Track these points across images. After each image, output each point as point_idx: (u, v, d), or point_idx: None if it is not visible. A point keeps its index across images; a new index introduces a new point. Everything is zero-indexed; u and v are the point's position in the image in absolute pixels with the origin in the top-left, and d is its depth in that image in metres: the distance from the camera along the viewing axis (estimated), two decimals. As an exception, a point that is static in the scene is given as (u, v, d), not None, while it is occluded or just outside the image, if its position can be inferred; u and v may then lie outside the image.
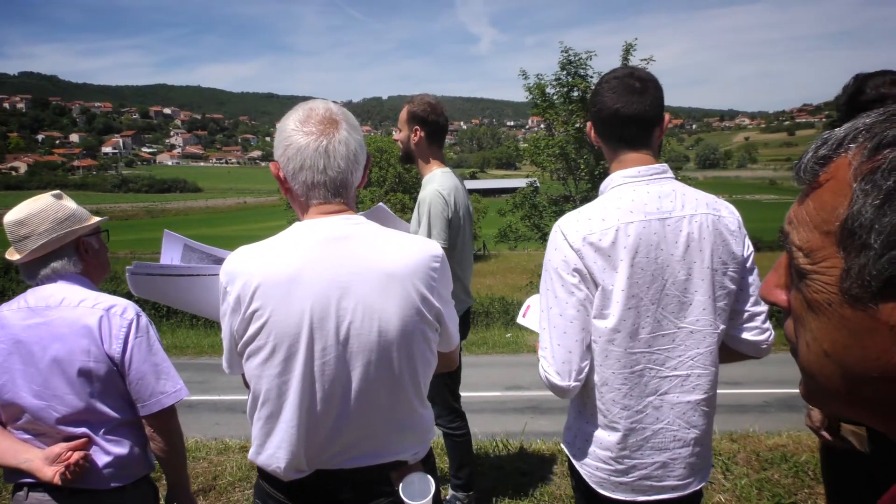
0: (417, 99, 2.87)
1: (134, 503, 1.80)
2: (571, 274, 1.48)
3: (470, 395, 3.28)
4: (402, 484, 1.35)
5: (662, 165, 1.56)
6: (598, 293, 1.47)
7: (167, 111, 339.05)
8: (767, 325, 1.59)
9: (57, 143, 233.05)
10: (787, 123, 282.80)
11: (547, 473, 3.59)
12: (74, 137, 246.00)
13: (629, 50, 15.87)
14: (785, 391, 7.17)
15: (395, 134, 2.96)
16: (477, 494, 3.21)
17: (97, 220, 1.87)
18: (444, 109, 2.88)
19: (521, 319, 1.91)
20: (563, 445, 1.71)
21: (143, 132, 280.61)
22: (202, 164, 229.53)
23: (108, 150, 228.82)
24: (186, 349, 10.37)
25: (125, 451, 1.75)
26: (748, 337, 1.58)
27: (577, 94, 16.18)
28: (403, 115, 2.86)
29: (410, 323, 1.29)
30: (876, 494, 0.52)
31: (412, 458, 1.41)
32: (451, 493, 3.13)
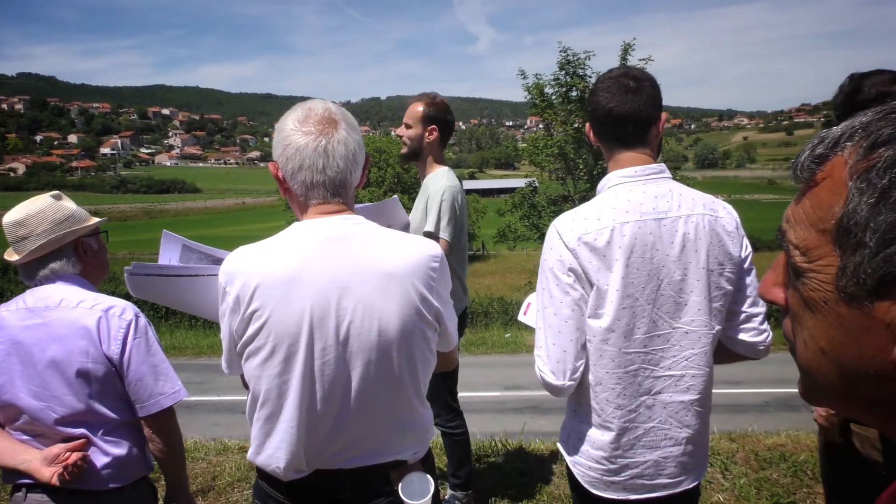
0: (430, 97, 2.83)
1: (133, 504, 1.80)
2: (566, 273, 1.49)
3: (469, 395, 3.28)
4: (401, 483, 1.35)
5: (659, 165, 1.56)
6: (592, 293, 1.48)
7: (165, 112, 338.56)
8: (765, 326, 1.59)
9: (55, 143, 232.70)
10: (785, 123, 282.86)
11: (546, 473, 3.59)
12: (73, 138, 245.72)
13: (627, 50, 15.88)
14: (784, 391, 7.18)
15: (402, 130, 2.87)
16: (476, 494, 3.21)
17: (96, 220, 1.86)
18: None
19: (521, 317, 1.92)
20: (558, 444, 1.72)
21: (141, 133, 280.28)
22: (200, 164, 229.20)
23: (106, 150, 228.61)
24: (185, 350, 10.36)
25: (123, 451, 1.75)
26: (745, 338, 1.58)
27: (575, 93, 16.18)
28: (417, 112, 2.80)
29: (410, 322, 1.29)
30: (875, 494, 0.52)
31: (412, 457, 1.41)
32: (450, 492, 3.13)
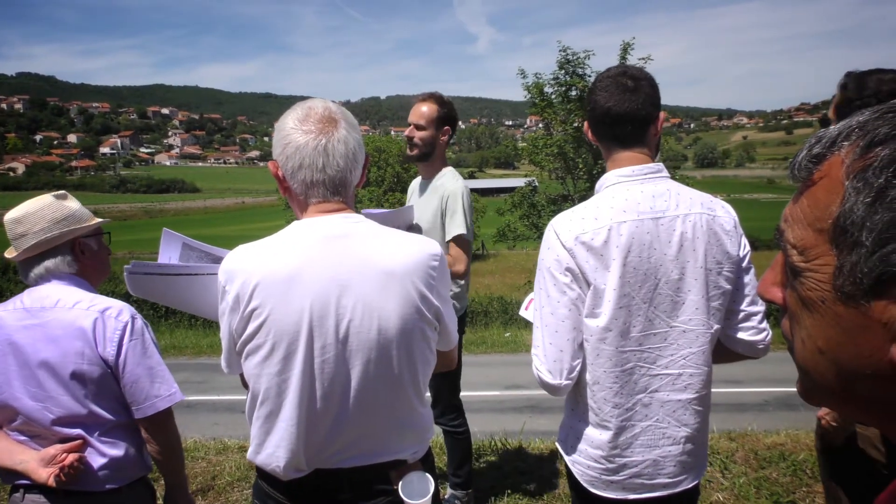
0: (437, 97, 2.82)
1: (130, 504, 1.80)
2: (563, 273, 1.49)
3: (468, 394, 3.28)
4: (401, 483, 1.35)
5: (657, 165, 1.56)
6: (589, 292, 1.48)
7: (165, 111, 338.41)
8: (764, 325, 1.58)
9: (55, 143, 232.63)
10: (784, 122, 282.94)
11: (545, 472, 3.59)
12: (72, 138, 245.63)
13: (627, 49, 15.88)
14: (784, 390, 7.18)
15: (411, 131, 2.80)
16: (476, 493, 3.21)
17: (97, 221, 1.86)
18: None
19: (523, 312, 1.94)
20: (557, 444, 1.72)
21: (141, 132, 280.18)
22: (200, 164, 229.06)
23: (106, 150, 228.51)
24: (185, 349, 10.35)
25: (120, 452, 1.74)
26: (744, 337, 1.57)
27: (575, 93, 16.19)
28: (432, 113, 2.77)
29: (410, 321, 1.29)
30: (875, 493, 0.52)
31: (411, 457, 1.41)
32: (449, 491, 3.13)
